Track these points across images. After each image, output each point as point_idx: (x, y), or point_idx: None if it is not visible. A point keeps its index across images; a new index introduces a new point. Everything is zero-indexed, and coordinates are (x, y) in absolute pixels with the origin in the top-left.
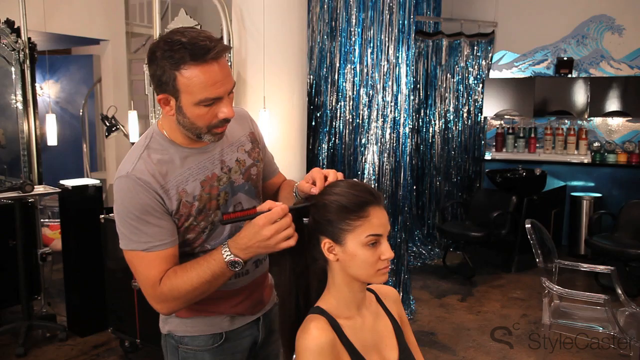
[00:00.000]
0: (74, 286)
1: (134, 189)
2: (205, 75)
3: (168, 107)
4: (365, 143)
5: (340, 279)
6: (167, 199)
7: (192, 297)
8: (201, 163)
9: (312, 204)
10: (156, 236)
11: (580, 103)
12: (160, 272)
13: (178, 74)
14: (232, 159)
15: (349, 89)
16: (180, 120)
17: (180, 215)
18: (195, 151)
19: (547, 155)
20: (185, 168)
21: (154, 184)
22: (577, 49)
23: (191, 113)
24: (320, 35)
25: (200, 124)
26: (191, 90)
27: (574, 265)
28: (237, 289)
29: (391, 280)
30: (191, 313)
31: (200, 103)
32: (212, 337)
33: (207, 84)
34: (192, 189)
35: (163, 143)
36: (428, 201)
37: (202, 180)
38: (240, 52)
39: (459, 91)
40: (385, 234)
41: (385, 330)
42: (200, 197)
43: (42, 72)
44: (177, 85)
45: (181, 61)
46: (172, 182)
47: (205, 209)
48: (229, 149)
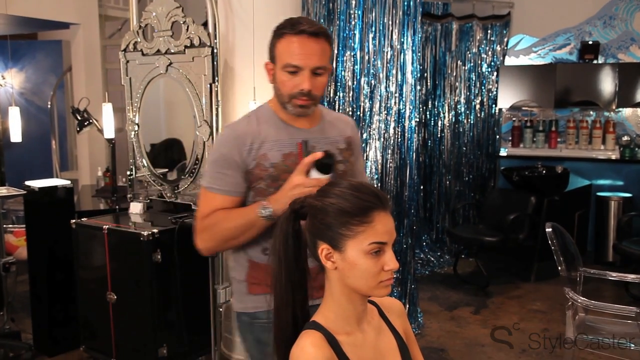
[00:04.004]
0: (41, 299)
1: (227, 139)
2: (295, 44)
3: (270, 74)
4: (367, 138)
5: (338, 290)
6: (249, 157)
7: (225, 236)
8: (292, 139)
9: (310, 205)
10: (223, 181)
11: (607, 92)
12: (212, 210)
13: (278, 42)
14: (321, 148)
15: (348, 78)
16: (275, 87)
17: (255, 174)
18: (292, 128)
19: (569, 150)
20: (277, 137)
21: (245, 141)
22: (603, 31)
23: (279, 77)
24: (316, 18)
25: (283, 90)
26: (280, 55)
27: (601, 273)
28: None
29: (396, 290)
30: (261, 290)
31: (285, 68)
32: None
33: (294, 51)
34: (273, 156)
35: (267, 113)
36: (437, 203)
37: (286, 153)
38: (228, 37)
39: (470, 80)
40: (390, 242)
41: (389, 346)
42: (277, 166)
43: (4, 60)
44: (275, 51)
45: (283, 29)
46: (259, 146)
47: (279, 179)
48: (323, 140)
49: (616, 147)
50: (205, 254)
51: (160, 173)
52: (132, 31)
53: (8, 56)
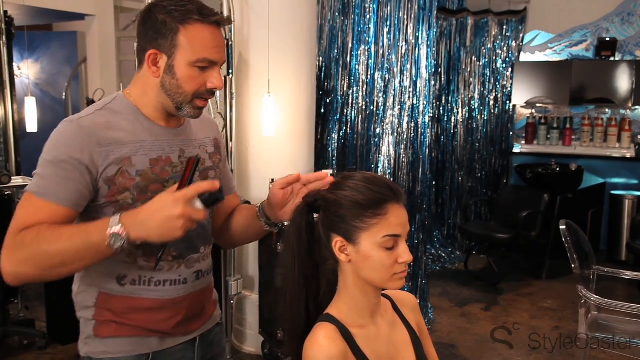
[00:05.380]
0: (56, 288)
1: (73, 136)
2: (210, 36)
3: (155, 67)
4: (380, 133)
5: (352, 282)
6: (102, 161)
7: (49, 262)
8: (159, 141)
9: (323, 198)
10: (60, 187)
11: (624, 90)
12: (35, 223)
13: (182, 28)
14: (192, 153)
15: (362, 72)
16: (167, 83)
17: (118, 184)
18: (157, 128)
19: (584, 148)
20: (140, 138)
21: (99, 140)
22: (621, 28)
23: (183, 73)
24: (331, 12)
25: (187, 88)
26: (192, 47)
27: (615, 272)
28: (170, 300)
29: (407, 285)
30: (114, 332)
31: (197, 63)
32: (137, 358)
33: (210, 44)
34: (138, 162)
35: (126, 107)
36: (449, 199)
37: (153, 158)
38: (242, 30)
39: (485, 76)
40: (404, 234)
41: (402, 340)
42: (145, 174)
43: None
44: (177, 40)
45: (188, 15)
46: (119, 147)
47: (147, 190)
48: (191, 143)
49: (632, 145)
50: (13, 282)
51: None
52: None
53: (24, 47)
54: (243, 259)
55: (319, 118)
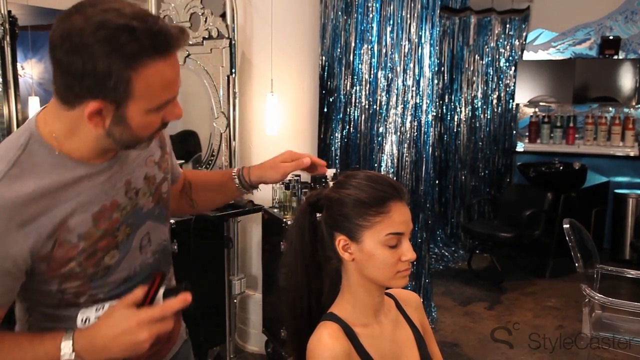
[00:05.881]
0: None
1: None
2: (171, 71)
3: (98, 117)
4: (383, 132)
5: (355, 281)
6: (30, 243)
7: None
8: (98, 187)
9: (326, 197)
10: None
11: (627, 88)
12: None
13: (134, 74)
14: (139, 176)
15: (365, 71)
16: (116, 134)
17: (53, 259)
18: (94, 169)
19: (587, 147)
20: (73, 194)
21: (13, 224)
22: (625, 26)
23: (139, 122)
24: (334, 11)
25: (144, 134)
26: (149, 94)
27: (619, 271)
28: None
29: (410, 284)
30: None
31: (158, 108)
32: None
33: (170, 82)
34: (78, 224)
35: (47, 154)
36: (452, 198)
37: (96, 212)
38: (245, 29)
39: (488, 75)
40: (407, 232)
41: (406, 339)
42: (89, 235)
43: (23, 50)
44: (131, 89)
45: (139, 56)
46: (47, 216)
47: (96, 251)
48: (136, 162)
49: (635, 143)
50: None
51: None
52: None
53: (28, 47)
54: (246, 258)
55: (321, 117)
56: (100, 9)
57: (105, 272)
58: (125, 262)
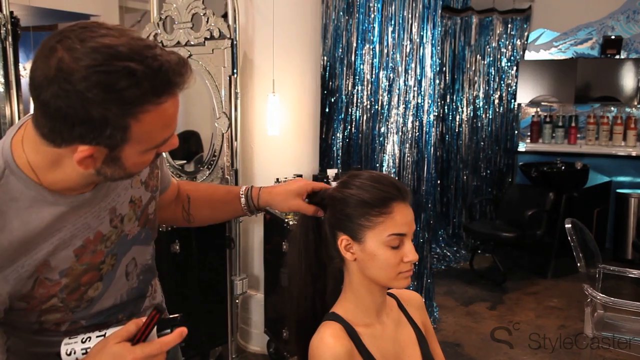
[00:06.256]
0: None
1: None
2: (170, 110)
3: (89, 160)
4: (385, 132)
5: (358, 281)
6: (9, 285)
7: None
8: (80, 220)
9: (330, 197)
10: None
11: (629, 88)
12: None
13: (133, 121)
14: (124, 201)
15: (367, 71)
16: (107, 173)
17: (34, 297)
18: (76, 201)
19: (589, 147)
20: (54, 229)
21: (2, 257)
22: (626, 26)
23: (134, 162)
24: (335, 11)
25: (136, 170)
26: (148, 137)
27: (621, 270)
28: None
29: (412, 284)
30: None
31: (156, 147)
32: None
33: (170, 120)
34: (60, 262)
35: (25, 187)
36: (454, 197)
37: (78, 247)
38: (247, 30)
39: (490, 75)
40: (409, 233)
41: (408, 339)
42: (72, 271)
43: (25, 51)
44: (129, 135)
45: (139, 101)
46: (27, 256)
47: (79, 285)
48: (121, 186)
49: (637, 143)
50: None
51: (179, 165)
52: (152, 23)
53: (30, 47)
54: (248, 259)
55: (323, 117)
56: (90, 47)
57: (88, 304)
58: (110, 292)
